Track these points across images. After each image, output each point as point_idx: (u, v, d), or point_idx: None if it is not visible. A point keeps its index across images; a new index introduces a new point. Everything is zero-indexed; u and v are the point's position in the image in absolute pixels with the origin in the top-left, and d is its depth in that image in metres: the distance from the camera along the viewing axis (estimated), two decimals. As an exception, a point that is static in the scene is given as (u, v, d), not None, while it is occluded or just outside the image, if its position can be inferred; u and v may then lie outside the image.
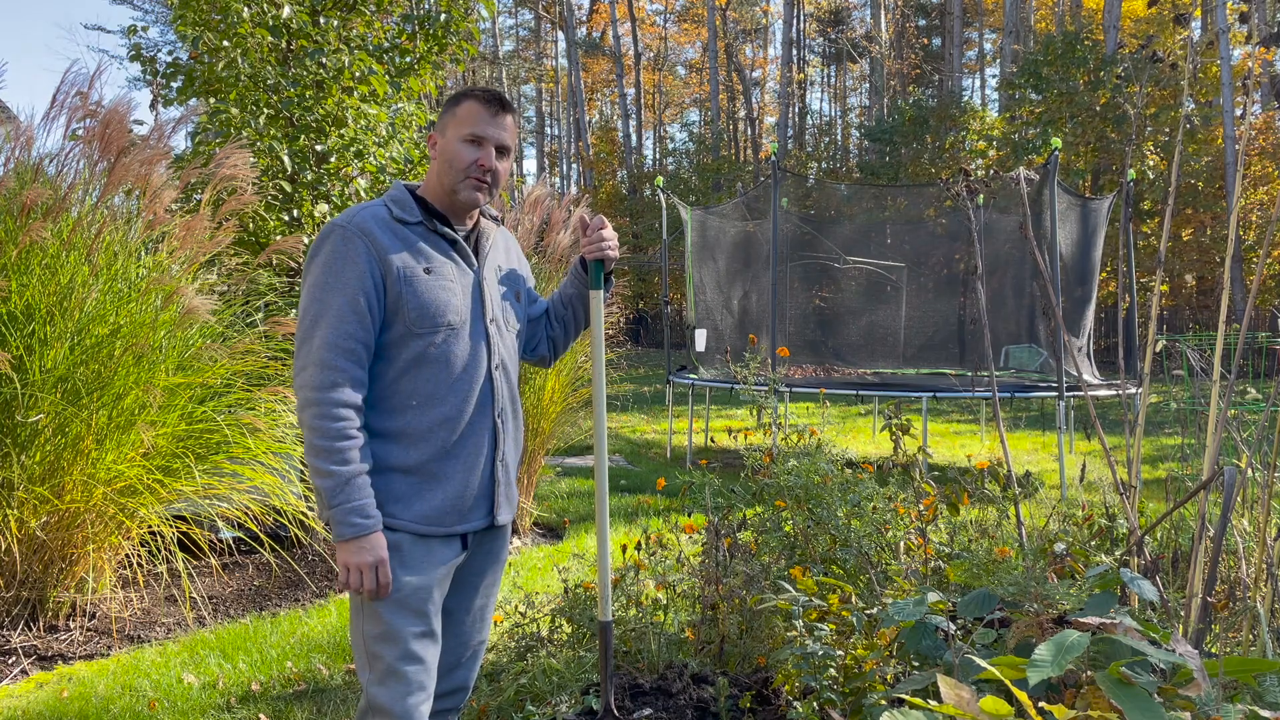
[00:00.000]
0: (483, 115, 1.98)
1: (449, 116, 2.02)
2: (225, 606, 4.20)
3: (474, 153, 1.97)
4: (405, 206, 1.98)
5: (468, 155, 1.97)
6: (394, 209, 1.97)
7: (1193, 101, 20.28)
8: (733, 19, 38.52)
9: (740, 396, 4.03)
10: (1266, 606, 2.32)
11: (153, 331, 3.95)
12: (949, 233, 12.43)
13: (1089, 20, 26.62)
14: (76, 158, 4.13)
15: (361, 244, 1.89)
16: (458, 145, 1.97)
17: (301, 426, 1.87)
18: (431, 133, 2.06)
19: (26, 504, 3.65)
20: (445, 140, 2.00)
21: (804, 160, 31.69)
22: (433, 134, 2.05)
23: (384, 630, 1.89)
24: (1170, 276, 22.60)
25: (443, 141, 2.00)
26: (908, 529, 3.18)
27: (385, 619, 1.89)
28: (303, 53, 5.75)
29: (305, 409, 1.84)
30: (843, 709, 2.26)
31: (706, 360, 9.61)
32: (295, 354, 1.90)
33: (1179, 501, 2.23)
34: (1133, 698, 1.45)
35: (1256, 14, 2.39)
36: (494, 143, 1.99)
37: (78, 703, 3.13)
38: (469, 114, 1.98)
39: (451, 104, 2.03)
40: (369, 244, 1.89)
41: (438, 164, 2.00)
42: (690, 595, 3.26)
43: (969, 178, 3.15)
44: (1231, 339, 2.92)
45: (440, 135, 2.02)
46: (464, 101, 2.00)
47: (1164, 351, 3.48)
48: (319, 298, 1.87)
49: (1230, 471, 2.08)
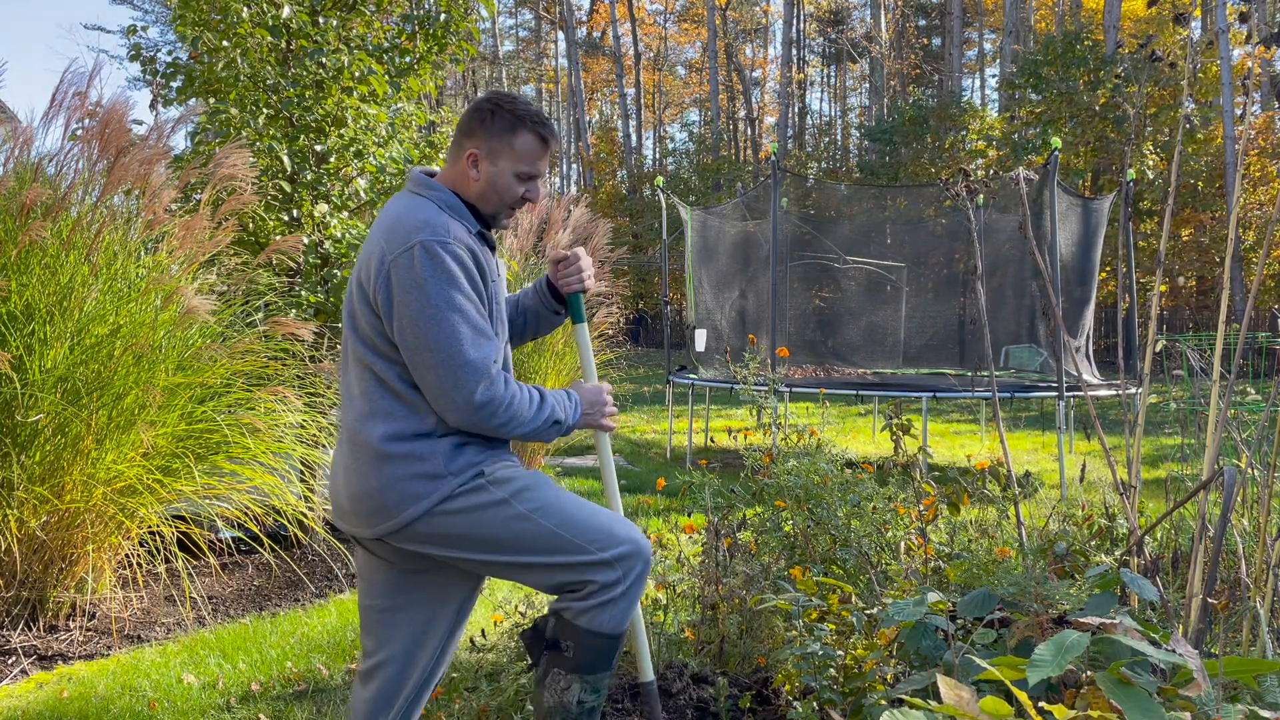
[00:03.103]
0: (540, 153, 1.98)
1: (503, 144, 1.96)
2: (225, 606, 4.20)
3: (523, 188, 1.99)
4: (466, 217, 1.97)
5: (517, 190, 1.99)
6: (461, 220, 1.95)
7: (1192, 101, 20.28)
8: (733, 19, 38.52)
9: (740, 396, 4.03)
10: (1266, 606, 2.32)
11: (152, 331, 3.95)
12: (949, 233, 12.43)
13: (1089, 20, 26.62)
14: (76, 157, 4.14)
15: (467, 256, 1.87)
16: (510, 179, 1.97)
17: (493, 426, 1.89)
18: (473, 148, 1.96)
19: (26, 504, 3.65)
20: (497, 169, 1.96)
21: (804, 160, 31.70)
22: (475, 150, 1.96)
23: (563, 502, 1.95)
24: (1170, 276, 22.60)
25: (492, 169, 1.96)
26: (908, 529, 3.18)
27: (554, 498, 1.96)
28: (302, 53, 5.75)
29: (496, 413, 1.87)
30: (843, 709, 2.26)
31: (706, 360, 9.61)
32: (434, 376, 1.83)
33: (1179, 501, 2.23)
34: (1133, 698, 1.45)
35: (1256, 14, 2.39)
36: (539, 175, 2.01)
37: (78, 703, 3.13)
38: (528, 151, 1.97)
39: (507, 131, 1.95)
40: (471, 255, 1.88)
41: (481, 186, 1.97)
42: (690, 595, 3.26)
43: (969, 178, 3.15)
44: (1231, 339, 2.92)
45: (489, 159, 1.96)
46: (522, 133, 1.96)
47: (1164, 351, 3.48)
48: (446, 316, 1.82)
49: (1230, 471, 2.08)
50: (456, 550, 1.93)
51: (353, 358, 1.96)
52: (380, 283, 1.85)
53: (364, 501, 1.91)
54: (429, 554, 1.95)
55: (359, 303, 1.93)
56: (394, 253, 1.84)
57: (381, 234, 1.91)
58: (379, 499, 1.89)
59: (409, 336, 1.84)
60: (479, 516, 1.91)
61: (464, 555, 1.94)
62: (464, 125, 1.99)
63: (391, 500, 1.89)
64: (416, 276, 1.82)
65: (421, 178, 2.00)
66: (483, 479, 1.93)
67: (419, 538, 1.92)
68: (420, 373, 1.86)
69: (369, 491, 1.90)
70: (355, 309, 1.94)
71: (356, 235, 5.72)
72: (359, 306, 1.93)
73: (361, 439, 1.91)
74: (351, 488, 1.93)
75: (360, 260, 1.96)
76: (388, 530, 1.91)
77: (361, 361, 1.93)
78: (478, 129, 1.97)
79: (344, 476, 1.96)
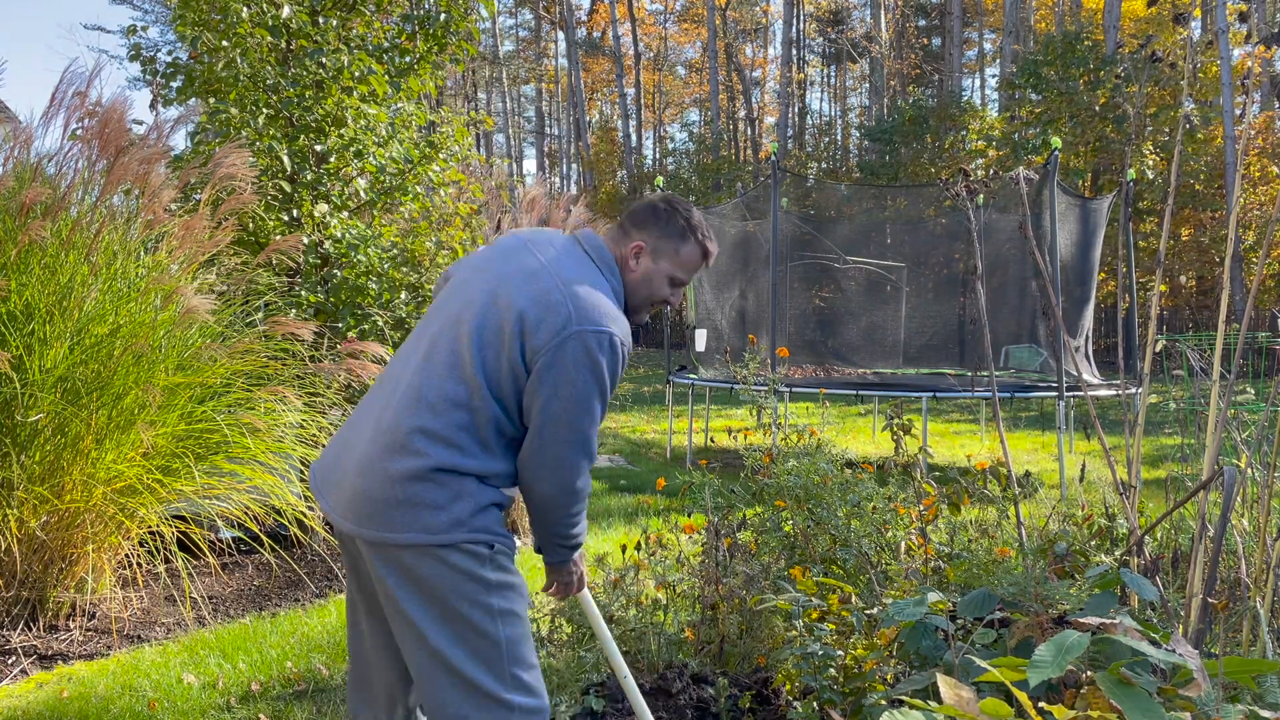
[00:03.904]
0: (698, 265, 2.08)
1: (670, 247, 2.03)
2: (225, 606, 4.20)
3: (670, 291, 2.06)
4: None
5: (666, 291, 2.06)
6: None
7: (1192, 101, 20.28)
8: (733, 19, 38.52)
9: (740, 396, 4.03)
10: (1266, 606, 2.32)
11: (152, 331, 3.95)
12: (949, 233, 12.43)
13: (1089, 20, 26.62)
14: (75, 157, 4.14)
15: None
16: (664, 280, 2.05)
17: (559, 510, 1.93)
18: (641, 240, 2.03)
19: (26, 504, 3.65)
20: (656, 267, 2.03)
21: (804, 160, 31.69)
22: (642, 243, 2.03)
23: (523, 626, 1.91)
24: (1170, 276, 22.60)
25: (653, 265, 2.03)
26: (908, 529, 3.18)
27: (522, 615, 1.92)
28: (302, 53, 5.75)
29: (575, 502, 1.93)
30: (843, 709, 2.26)
31: (706, 360, 9.61)
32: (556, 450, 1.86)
33: (1179, 501, 2.23)
34: (1133, 698, 1.45)
35: (1256, 14, 2.39)
36: (687, 283, 2.10)
37: (77, 703, 3.13)
38: (689, 260, 2.05)
39: (677, 236, 2.04)
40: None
41: (637, 278, 2.03)
42: (690, 595, 3.26)
43: (969, 178, 3.15)
44: (1231, 339, 2.92)
45: (652, 256, 2.03)
46: (690, 243, 2.05)
47: (1164, 351, 3.48)
48: (595, 406, 1.87)
49: (1230, 471, 2.08)
50: (410, 594, 1.82)
51: (452, 371, 1.87)
52: (553, 344, 1.83)
53: (372, 504, 1.83)
54: (383, 585, 1.85)
55: (509, 338, 1.85)
56: (583, 327, 1.85)
57: (569, 295, 1.87)
58: (392, 511, 1.81)
59: (556, 408, 1.84)
60: (456, 580, 1.82)
61: (411, 604, 1.83)
62: (637, 217, 2.06)
63: (402, 518, 1.81)
64: (593, 361, 1.85)
65: (606, 254, 2.02)
66: (488, 551, 1.85)
67: (395, 561, 1.83)
68: (543, 441, 1.85)
69: (387, 500, 1.82)
70: (496, 340, 1.86)
71: (356, 235, 5.71)
72: (506, 341, 1.85)
73: (411, 447, 1.82)
74: (365, 483, 1.84)
75: (522, 293, 1.88)
76: (374, 539, 1.82)
77: (468, 384, 1.85)
78: (651, 224, 2.04)
79: (360, 467, 1.86)
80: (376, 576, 1.86)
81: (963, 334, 12.20)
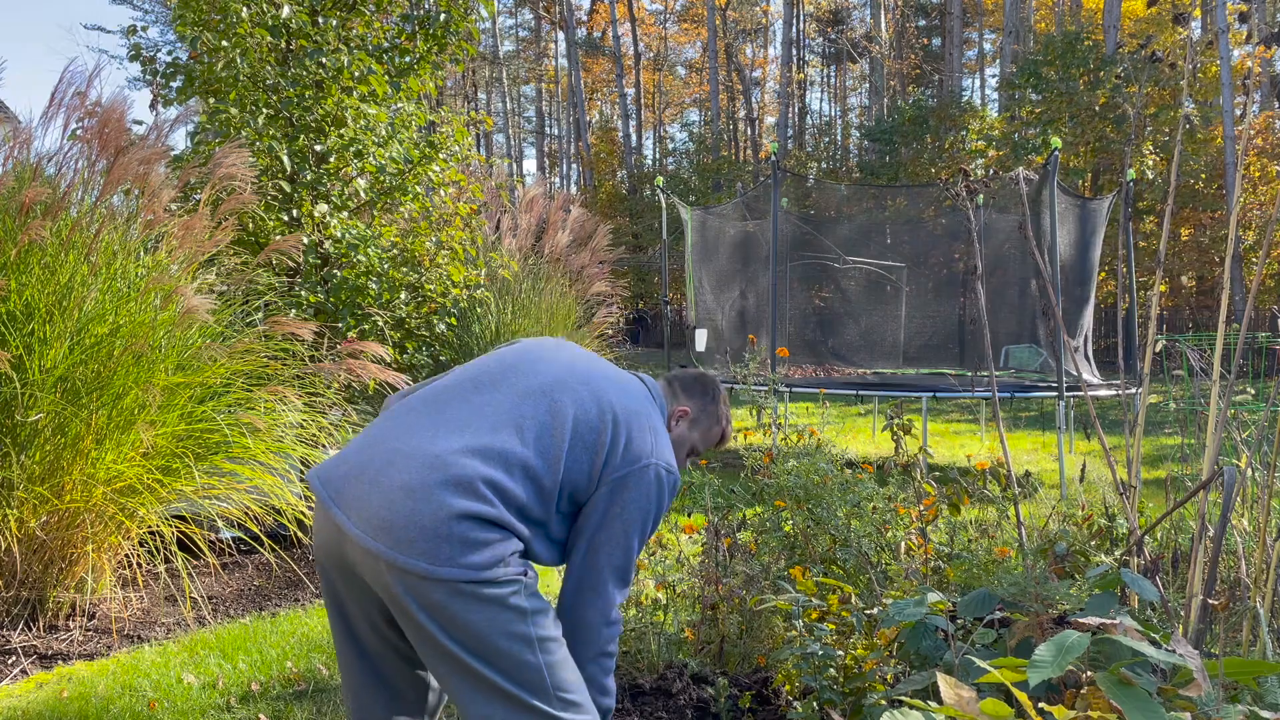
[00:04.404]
0: (713, 447, 2.29)
1: (708, 421, 2.24)
2: (225, 606, 4.20)
3: (683, 459, 2.23)
4: None
5: (681, 459, 2.22)
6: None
7: (1192, 101, 20.28)
8: (733, 19, 38.51)
9: (740, 396, 4.03)
10: (1266, 606, 2.31)
11: (152, 331, 3.94)
12: (949, 233, 12.43)
13: (1089, 20, 26.62)
14: (75, 157, 4.13)
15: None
16: (687, 449, 2.23)
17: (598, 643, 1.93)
18: (688, 407, 2.21)
19: (26, 503, 3.65)
20: (690, 435, 2.22)
21: (804, 160, 31.69)
22: (688, 410, 2.20)
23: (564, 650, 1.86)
24: (1170, 276, 22.60)
25: (688, 433, 2.22)
26: (908, 529, 3.18)
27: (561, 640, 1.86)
28: (302, 53, 5.75)
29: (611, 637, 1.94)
30: (843, 709, 2.26)
31: (707, 360, 9.61)
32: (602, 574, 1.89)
33: (1179, 501, 2.23)
34: (1133, 698, 1.45)
35: (1256, 14, 2.39)
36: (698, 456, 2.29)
37: (77, 703, 3.13)
38: (713, 440, 2.28)
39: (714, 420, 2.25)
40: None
41: (675, 438, 2.19)
42: (690, 595, 3.26)
43: (969, 178, 3.15)
44: (1231, 339, 2.92)
45: (690, 425, 2.21)
46: (722, 425, 2.28)
47: (1164, 351, 3.48)
48: (638, 540, 1.92)
49: (1230, 471, 2.08)
50: (440, 630, 1.74)
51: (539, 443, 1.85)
52: (636, 467, 1.90)
53: (417, 530, 1.72)
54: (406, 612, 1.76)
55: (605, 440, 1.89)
56: (659, 461, 1.94)
57: (648, 427, 1.96)
58: (440, 543, 1.72)
59: (616, 529, 1.89)
60: (489, 612, 1.74)
61: (441, 639, 1.75)
62: (687, 385, 2.25)
63: (448, 552, 1.71)
64: (660, 495, 1.93)
65: (665, 407, 2.16)
66: (521, 580, 1.79)
67: (421, 596, 1.73)
68: (594, 558, 1.89)
69: (437, 532, 1.72)
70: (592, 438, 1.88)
71: (356, 235, 5.71)
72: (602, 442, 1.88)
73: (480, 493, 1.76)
74: (414, 506, 1.73)
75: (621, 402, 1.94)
76: (407, 566, 1.71)
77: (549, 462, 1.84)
78: (698, 396, 2.24)
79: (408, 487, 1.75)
80: (394, 595, 1.75)
81: (963, 334, 12.20)
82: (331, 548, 1.84)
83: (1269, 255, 18.56)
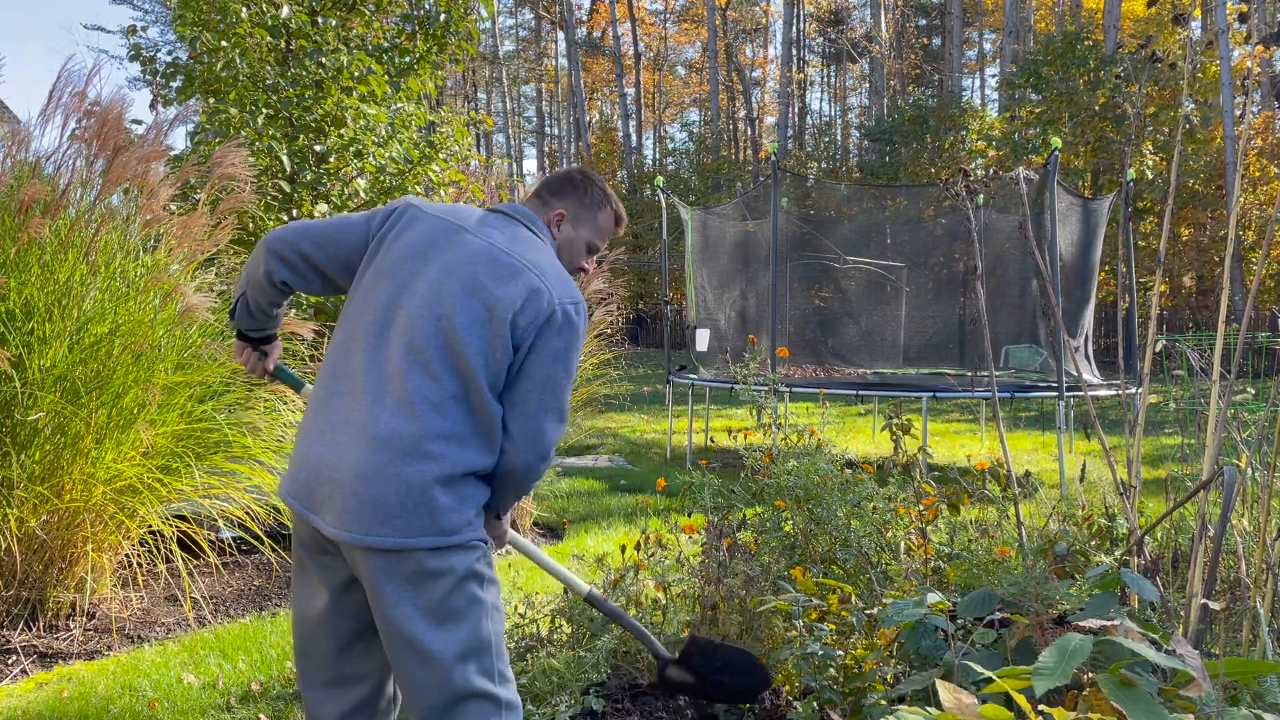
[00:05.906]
0: (612, 233, 2.19)
1: (589, 213, 2.13)
2: (225, 606, 4.20)
3: (586, 259, 2.17)
4: None
5: (582, 260, 2.17)
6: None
7: (1192, 101, 20.28)
8: (733, 19, 38.51)
9: (740, 396, 4.03)
10: (1266, 606, 2.31)
11: (151, 330, 3.94)
12: (949, 233, 12.42)
13: (1089, 20, 26.62)
14: (74, 156, 4.13)
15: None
16: (581, 247, 2.15)
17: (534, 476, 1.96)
18: (561, 209, 2.11)
19: (26, 503, 3.65)
20: (576, 234, 2.13)
21: (804, 160, 31.69)
22: (563, 211, 2.10)
23: (504, 623, 1.97)
24: (1170, 276, 22.60)
25: (574, 234, 2.13)
26: (908, 529, 3.18)
27: (503, 612, 1.97)
28: (302, 53, 5.75)
29: (547, 466, 1.97)
30: (843, 709, 2.26)
31: (707, 360, 9.61)
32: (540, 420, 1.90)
33: (1179, 501, 2.23)
34: (1135, 699, 1.45)
35: (1256, 14, 2.39)
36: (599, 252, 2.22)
37: (77, 702, 3.13)
38: (605, 227, 2.17)
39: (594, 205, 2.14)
40: None
41: (560, 245, 2.12)
42: (690, 595, 3.25)
43: (969, 178, 3.15)
44: (1231, 339, 2.92)
45: (574, 223, 2.12)
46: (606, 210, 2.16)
47: (1164, 351, 3.48)
48: (573, 371, 1.94)
49: (1230, 471, 2.08)
50: (408, 596, 1.80)
51: (445, 366, 1.84)
52: (539, 322, 1.88)
53: (384, 510, 1.78)
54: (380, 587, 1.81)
55: (498, 324, 1.85)
56: (562, 301, 1.91)
57: (540, 273, 1.92)
58: (409, 516, 1.78)
59: (540, 382, 1.88)
60: (457, 577, 1.83)
61: (408, 607, 1.80)
62: (554, 186, 2.13)
63: (419, 523, 1.78)
64: (573, 329, 1.92)
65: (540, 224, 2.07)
66: (484, 547, 1.90)
67: (399, 566, 1.79)
68: (526, 411, 1.88)
69: (404, 505, 1.78)
70: (485, 330, 1.85)
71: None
72: (495, 329, 1.85)
73: (428, 451, 1.80)
74: (375, 489, 1.79)
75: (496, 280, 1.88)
76: (386, 545, 1.77)
77: (463, 378, 1.84)
78: (569, 193, 2.13)
79: (363, 473, 1.80)
80: (372, 584, 1.82)
81: (963, 334, 12.19)
82: (309, 539, 1.97)
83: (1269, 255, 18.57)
